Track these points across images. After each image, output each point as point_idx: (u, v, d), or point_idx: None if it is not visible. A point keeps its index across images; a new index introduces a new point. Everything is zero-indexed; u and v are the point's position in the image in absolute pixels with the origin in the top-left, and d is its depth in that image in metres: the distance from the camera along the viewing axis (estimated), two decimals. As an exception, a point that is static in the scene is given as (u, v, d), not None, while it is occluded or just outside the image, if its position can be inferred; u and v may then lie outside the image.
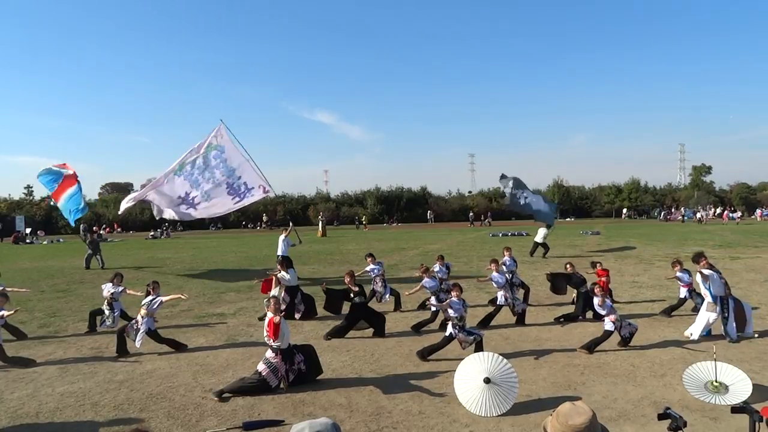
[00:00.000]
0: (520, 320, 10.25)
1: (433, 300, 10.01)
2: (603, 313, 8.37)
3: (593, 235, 34.75)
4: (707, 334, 8.93)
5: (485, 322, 10.05)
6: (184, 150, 19.77)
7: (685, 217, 56.23)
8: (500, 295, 10.31)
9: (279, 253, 17.76)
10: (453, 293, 8.33)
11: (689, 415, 5.58)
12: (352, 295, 9.72)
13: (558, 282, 11.21)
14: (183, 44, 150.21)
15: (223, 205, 18.38)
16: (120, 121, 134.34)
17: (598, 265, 11.64)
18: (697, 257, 9.21)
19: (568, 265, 11.03)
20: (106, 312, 10.23)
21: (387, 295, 12.04)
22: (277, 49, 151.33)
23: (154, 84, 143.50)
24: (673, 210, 64.06)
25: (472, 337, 8.02)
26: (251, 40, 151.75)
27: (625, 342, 8.40)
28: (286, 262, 11.69)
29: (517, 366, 7.69)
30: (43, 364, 8.41)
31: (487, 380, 6.13)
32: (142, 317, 8.74)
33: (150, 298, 8.92)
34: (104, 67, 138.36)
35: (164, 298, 9.09)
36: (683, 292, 10.65)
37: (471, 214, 59.25)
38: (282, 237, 17.97)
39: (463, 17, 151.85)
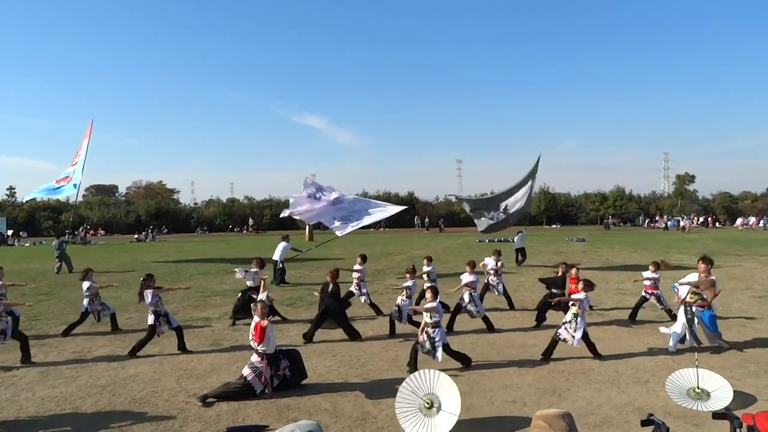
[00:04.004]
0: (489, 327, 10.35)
1: (402, 301, 10.12)
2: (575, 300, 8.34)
3: (578, 242, 35.03)
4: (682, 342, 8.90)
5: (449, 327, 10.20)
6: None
7: (669, 225, 56.85)
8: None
9: (276, 258, 17.66)
10: (427, 295, 7.89)
11: (672, 422, 5.64)
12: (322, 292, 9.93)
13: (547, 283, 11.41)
14: (172, 47, 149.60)
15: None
16: (106, 122, 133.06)
17: (574, 270, 11.73)
18: (699, 260, 9.12)
19: (561, 266, 11.26)
20: (88, 307, 10.54)
21: (363, 298, 11.96)
22: (267, 52, 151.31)
23: (142, 86, 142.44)
24: (656, 218, 64.77)
25: (427, 350, 7.72)
26: (241, 43, 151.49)
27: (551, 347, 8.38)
28: (261, 263, 11.72)
29: (502, 371, 7.76)
30: (23, 367, 8.28)
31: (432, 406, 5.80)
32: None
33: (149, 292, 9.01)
34: (91, 68, 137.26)
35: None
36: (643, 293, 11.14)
37: (427, 219, 59.68)
38: (283, 244, 17.96)
39: (454, 24, 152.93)
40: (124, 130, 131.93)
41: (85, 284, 10.53)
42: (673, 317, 10.33)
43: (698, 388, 6.24)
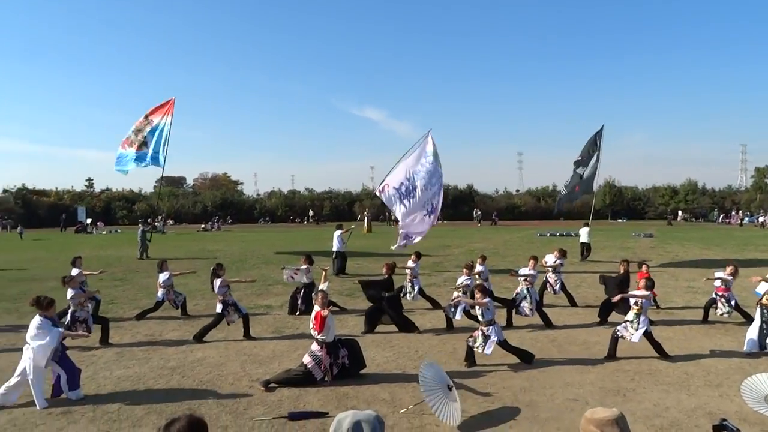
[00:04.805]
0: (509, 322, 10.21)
1: (460, 307, 9.92)
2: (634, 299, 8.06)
3: (646, 238, 33.63)
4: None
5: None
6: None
7: (745, 221, 53.49)
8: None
9: (335, 249, 18.00)
10: (477, 294, 7.83)
11: (748, 429, 5.35)
12: (383, 290, 9.97)
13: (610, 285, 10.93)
14: (232, 39, 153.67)
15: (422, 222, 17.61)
16: (175, 115, 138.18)
17: (644, 267, 11.32)
18: None
19: (623, 263, 10.87)
20: (164, 297, 11.03)
21: (414, 294, 11.84)
22: (326, 44, 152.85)
23: (206, 78, 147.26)
24: (732, 213, 61.07)
25: (479, 345, 7.63)
26: (301, 35, 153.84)
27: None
28: (309, 259, 11.91)
29: (563, 369, 7.59)
30: (101, 348, 8.84)
31: (450, 387, 5.95)
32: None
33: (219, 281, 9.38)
34: (159, 61, 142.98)
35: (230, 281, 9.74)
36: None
37: (479, 212, 58.24)
38: (337, 233, 18.23)
39: (516, 15, 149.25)
40: (190, 121, 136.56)
41: (162, 275, 11.04)
42: (750, 319, 9.78)
43: (777, 394, 5.88)
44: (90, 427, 5.73)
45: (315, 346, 7.12)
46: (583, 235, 21.95)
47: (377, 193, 18.31)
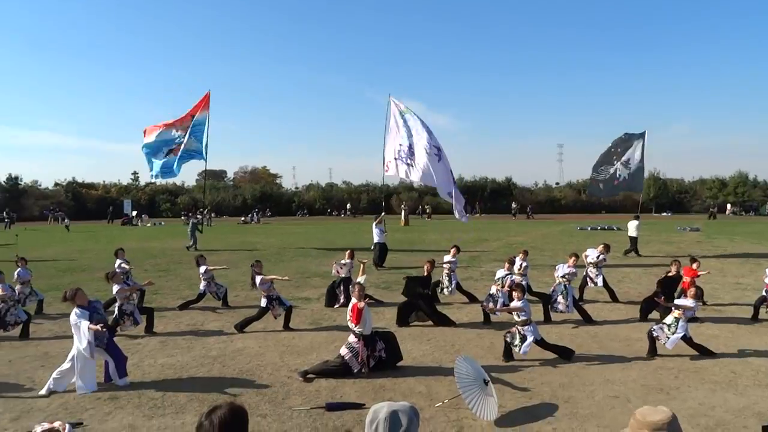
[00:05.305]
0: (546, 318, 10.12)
1: (500, 302, 9.86)
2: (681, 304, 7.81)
3: (692, 231, 32.55)
4: None
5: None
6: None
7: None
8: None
9: (375, 240, 18.02)
10: (514, 294, 7.84)
11: (799, 430, 5.13)
12: (422, 286, 10.03)
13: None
14: (270, 33, 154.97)
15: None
16: (216, 109, 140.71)
17: (695, 264, 10.97)
18: None
19: (674, 264, 10.54)
20: (206, 289, 11.38)
21: (451, 289, 11.78)
22: (362, 36, 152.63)
23: (245, 72, 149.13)
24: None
25: (516, 344, 7.56)
26: (337, 28, 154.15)
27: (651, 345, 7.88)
28: (352, 253, 12.15)
29: (604, 365, 7.45)
30: (146, 336, 9.14)
31: (486, 382, 5.86)
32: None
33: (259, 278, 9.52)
34: (199, 55, 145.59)
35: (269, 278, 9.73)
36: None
37: (515, 205, 57.05)
38: (374, 225, 18.27)
39: (557, 5, 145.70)
40: (231, 115, 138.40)
41: (201, 269, 11.38)
42: None
43: (832, 395, 5.62)
44: (136, 412, 5.94)
45: (352, 338, 7.18)
46: (631, 228, 21.22)
47: (385, 172, 19.57)
